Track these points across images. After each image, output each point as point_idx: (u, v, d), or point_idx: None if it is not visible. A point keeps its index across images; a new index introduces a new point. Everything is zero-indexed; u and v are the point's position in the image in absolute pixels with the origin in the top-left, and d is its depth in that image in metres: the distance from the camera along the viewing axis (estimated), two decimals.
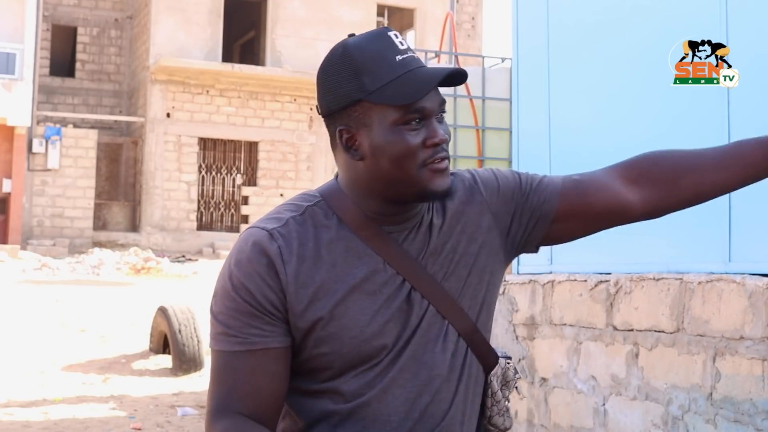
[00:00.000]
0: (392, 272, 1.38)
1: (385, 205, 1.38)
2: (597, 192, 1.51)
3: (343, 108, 1.35)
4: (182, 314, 7.24)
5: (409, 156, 1.33)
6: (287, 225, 1.37)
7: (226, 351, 1.34)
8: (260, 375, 1.33)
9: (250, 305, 1.33)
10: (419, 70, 1.33)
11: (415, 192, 1.35)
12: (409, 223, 1.41)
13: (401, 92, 1.31)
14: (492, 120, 5.80)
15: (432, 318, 1.40)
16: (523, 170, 1.60)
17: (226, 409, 1.33)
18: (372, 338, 1.36)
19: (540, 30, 4.09)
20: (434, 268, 1.41)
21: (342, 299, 1.35)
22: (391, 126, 1.33)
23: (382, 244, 1.38)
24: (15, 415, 5.47)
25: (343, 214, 1.39)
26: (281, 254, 1.34)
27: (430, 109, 1.34)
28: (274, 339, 1.34)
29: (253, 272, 1.33)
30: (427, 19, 22.49)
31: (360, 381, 1.37)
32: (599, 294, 3.41)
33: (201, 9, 20.47)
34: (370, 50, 1.34)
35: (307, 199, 1.42)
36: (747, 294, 2.68)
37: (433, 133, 1.34)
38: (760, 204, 2.85)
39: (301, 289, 1.34)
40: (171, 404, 5.98)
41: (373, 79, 1.32)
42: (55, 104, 21.89)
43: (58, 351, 7.89)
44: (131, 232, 20.40)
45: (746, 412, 2.66)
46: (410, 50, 1.35)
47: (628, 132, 3.52)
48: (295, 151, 21.07)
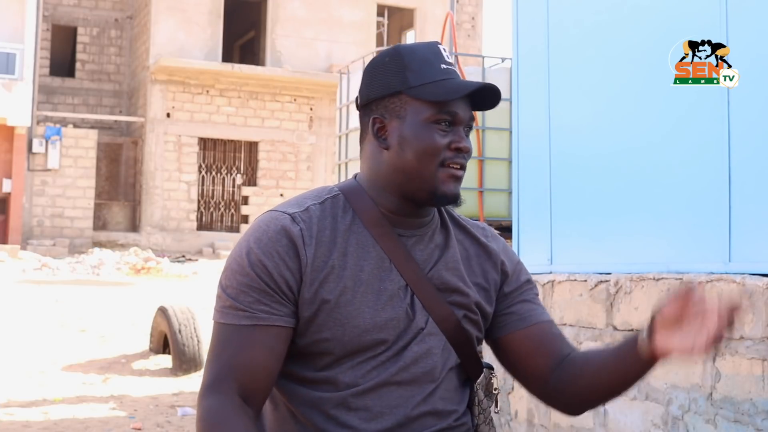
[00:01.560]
0: (397, 274, 1.44)
1: (399, 202, 1.46)
2: (535, 356, 1.54)
3: (381, 98, 1.46)
4: (182, 314, 7.24)
5: (432, 153, 1.42)
6: (308, 211, 1.44)
7: (231, 324, 1.38)
8: (260, 350, 1.37)
9: (264, 282, 1.38)
10: (459, 80, 1.45)
11: (427, 189, 1.43)
12: (420, 230, 1.49)
13: (439, 92, 1.42)
14: (492, 120, 5.80)
15: (432, 327, 1.46)
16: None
17: (220, 384, 1.36)
18: (373, 331, 1.41)
19: (540, 30, 4.09)
20: (436, 281, 1.48)
21: (349, 287, 1.41)
22: (423, 122, 1.43)
23: (391, 244, 1.45)
24: (15, 415, 5.47)
25: (358, 209, 1.46)
26: (303, 237, 1.40)
27: (461, 117, 1.44)
28: (280, 318, 1.38)
29: (273, 251, 1.38)
30: (427, 19, 22.49)
31: (356, 372, 1.41)
32: (599, 294, 3.41)
33: (201, 9, 20.47)
34: (419, 53, 1.46)
35: (327, 191, 1.49)
36: (747, 294, 2.68)
37: (459, 138, 1.44)
38: (760, 204, 2.85)
39: (315, 272, 1.40)
40: (171, 404, 5.99)
41: (416, 76, 1.44)
42: (55, 104, 21.89)
43: (58, 351, 7.89)
44: (131, 232, 20.40)
45: (746, 412, 2.66)
46: (454, 65, 1.48)
47: (629, 132, 3.52)
48: (295, 151, 21.07)
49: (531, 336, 1.52)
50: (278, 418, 1.46)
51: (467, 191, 5.68)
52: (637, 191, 3.42)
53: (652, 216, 3.32)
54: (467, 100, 1.46)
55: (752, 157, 2.89)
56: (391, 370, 1.42)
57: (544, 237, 3.95)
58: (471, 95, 1.45)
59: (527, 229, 4.14)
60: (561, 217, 3.89)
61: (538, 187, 4.03)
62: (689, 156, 3.16)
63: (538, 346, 1.52)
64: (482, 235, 1.59)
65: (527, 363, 1.53)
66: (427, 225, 1.50)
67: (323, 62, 21.17)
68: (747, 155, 2.90)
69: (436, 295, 1.46)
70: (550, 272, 3.84)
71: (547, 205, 3.96)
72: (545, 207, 3.97)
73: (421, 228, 1.49)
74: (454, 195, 1.44)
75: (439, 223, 1.54)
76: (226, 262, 1.45)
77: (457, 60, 5.81)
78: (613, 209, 3.59)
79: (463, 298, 1.49)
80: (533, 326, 1.53)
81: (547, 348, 1.52)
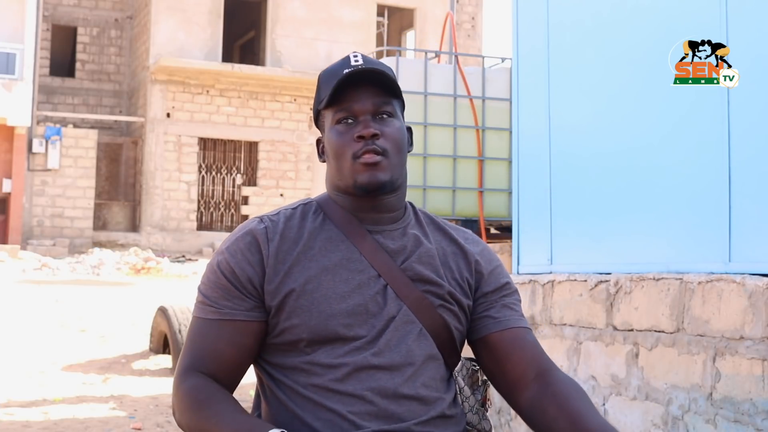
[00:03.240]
0: (367, 264, 1.51)
1: (353, 200, 1.54)
2: (509, 361, 1.53)
3: (317, 124, 1.60)
4: (182, 314, 7.23)
5: (341, 151, 1.51)
6: (278, 214, 1.56)
7: (202, 318, 1.50)
8: (225, 343, 1.48)
9: (228, 280, 1.49)
10: (351, 71, 1.50)
11: (350, 184, 1.51)
12: (390, 225, 1.55)
13: (327, 94, 1.51)
14: (492, 120, 5.80)
15: (406, 314, 1.50)
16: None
17: (193, 368, 1.48)
18: (340, 316, 1.46)
19: (540, 30, 4.09)
20: (409, 272, 1.52)
21: (314, 276, 1.48)
22: (330, 127, 1.54)
23: (361, 238, 1.52)
24: (15, 415, 5.47)
25: (329, 212, 1.56)
26: (267, 233, 1.51)
27: (360, 109, 1.51)
28: (242, 312, 1.48)
29: (237, 250, 1.50)
30: (427, 19, 22.49)
31: (333, 359, 1.46)
32: (599, 294, 3.41)
33: (201, 9, 20.47)
34: (328, 69, 1.56)
35: (303, 201, 1.61)
36: (747, 294, 2.68)
37: (360, 127, 1.50)
38: (760, 204, 2.85)
39: (279, 264, 1.49)
40: (171, 404, 5.98)
41: (323, 91, 1.54)
42: (55, 104, 21.89)
43: (58, 351, 7.89)
44: (131, 232, 20.39)
45: (746, 412, 2.66)
46: (367, 65, 1.52)
47: (629, 132, 3.52)
48: (295, 151, 21.07)
49: (505, 340, 1.53)
50: (270, 408, 1.50)
51: (467, 191, 5.68)
52: (637, 191, 3.42)
53: (652, 216, 3.32)
54: (373, 90, 1.51)
55: (752, 157, 2.89)
56: (366, 355, 1.45)
57: (544, 237, 3.95)
58: (373, 82, 1.50)
59: (527, 229, 4.14)
60: (561, 217, 3.89)
61: (538, 187, 4.03)
62: (689, 156, 3.16)
63: (512, 351, 1.52)
64: (461, 237, 1.63)
65: (502, 367, 1.53)
66: (398, 221, 1.56)
67: (323, 62, 21.16)
68: (747, 155, 2.90)
69: (410, 285, 1.51)
70: (550, 272, 3.84)
71: (547, 205, 3.96)
72: (545, 207, 3.97)
73: (392, 224, 1.55)
74: (372, 183, 1.49)
75: (413, 220, 1.60)
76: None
77: (457, 60, 5.81)
78: (613, 209, 3.59)
79: (437, 288, 1.52)
80: (508, 330, 1.54)
81: (521, 354, 1.52)
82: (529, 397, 1.50)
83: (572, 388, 1.49)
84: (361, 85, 1.51)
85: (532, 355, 1.53)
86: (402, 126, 1.55)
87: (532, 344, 1.54)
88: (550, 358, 1.56)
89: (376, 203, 1.53)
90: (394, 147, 1.51)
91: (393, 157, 1.51)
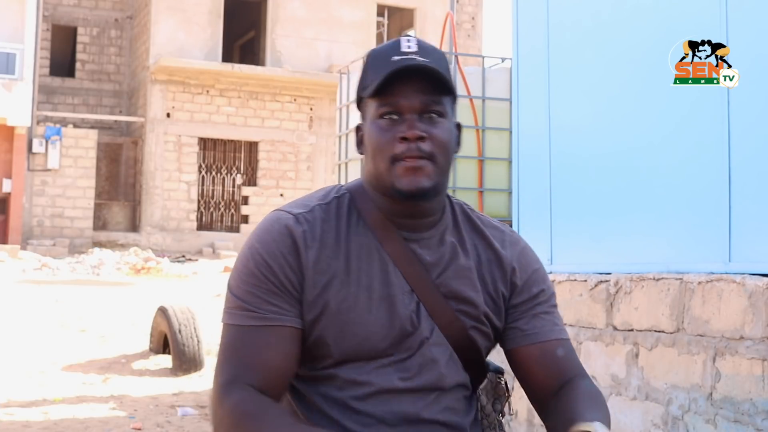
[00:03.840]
0: (401, 278, 1.40)
1: (390, 203, 1.41)
2: (534, 376, 1.47)
3: (359, 108, 1.45)
4: (182, 314, 7.23)
5: (380, 150, 1.37)
6: (313, 212, 1.42)
7: (241, 325, 1.36)
8: (273, 351, 1.35)
9: (271, 282, 1.36)
10: (401, 66, 1.35)
11: (387, 187, 1.38)
12: (427, 232, 1.43)
13: (375, 84, 1.36)
14: (492, 120, 5.80)
15: (438, 336, 1.42)
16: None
17: (237, 381, 1.33)
18: (374, 338, 1.38)
19: (540, 30, 4.09)
20: (444, 288, 1.42)
21: (352, 293, 1.38)
22: (372, 120, 1.39)
23: (396, 247, 1.41)
24: (15, 415, 5.47)
25: (362, 209, 1.43)
26: (305, 238, 1.38)
27: (406, 106, 1.36)
28: (289, 318, 1.37)
29: (277, 251, 1.37)
30: (427, 19, 22.48)
31: (357, 374, 1.39)
32: (599, 294, 3.41)
33: (201, 9, 20.47)
34: (376, 52, 1.41)
35: (335, 190, 1.47)
36: (747, 294, 2.68)
37: (405, 127, 1.35)
38: (760, 204, 2.85)
39: (318, 275, 1.38)
40: (171, 404, 5.98)
41: (370, 75, 1.39)
42: (55, 104, 21.89)
43: (58, 351, 7.88)
44: (131, 232, 20.39)
45: (746, 412, 2.66)
46: (417, 53, 1.37)
47: (629, 132, 3.52)
48: (295, 151, 21.06)
49: (532, 355, 1.45)
50: None
51: (467, 191, 5.68)
52: (637, 191, 3.42)
53: (652, 216, 3.32)
54: (422, 85, 1.36)
55: (752, 157, 2.89)
56: (393, 378, 1.39)
57: (544, 237, 3.95)
58: (425, 77, 1.36)
59: (527, 229, 4.14)
60: (561, 217, 3.89)
61: (538, 187, 4.03)
62: (689, 156, 3.16)
63: (538, 367, 1.45)
64: (498, 239, 1.50)
65: (528, 380, 1.47)
66: (435, 227, 1.44)
67: (323, 62, 21.17)
68: (747, 155, 2.90)
69: (443, 303, 1.41)
70: (550, 272, 3.84)
71: (547, 205, 3.96)
72: (545, 207, 3.97)
73: (429, 230, 1.43)
74: (413, 189, 1.35)
75: (451, 223, 1.47)
76: (235, 263, 1.43)
77: (457, 60, 5.81)
78: (613, 209, 3.59)
79: (472, 309, 1.44)
80: (535, 345, 1.45)
81: (546, 370, 1.45)
82: (549, 410, 1.43)
83: (586, 393, 1.41)
84: (410, 76, 1.36)
85: (558, 369, 1.45)
86: (451, 127, 1.42)
87: (558, 358, 1.45)
88: (579, 368, 1.48)
89: (414, 209, 1.41)
90: (441, 151, 1.37)
91: (438, 161, 1.37)
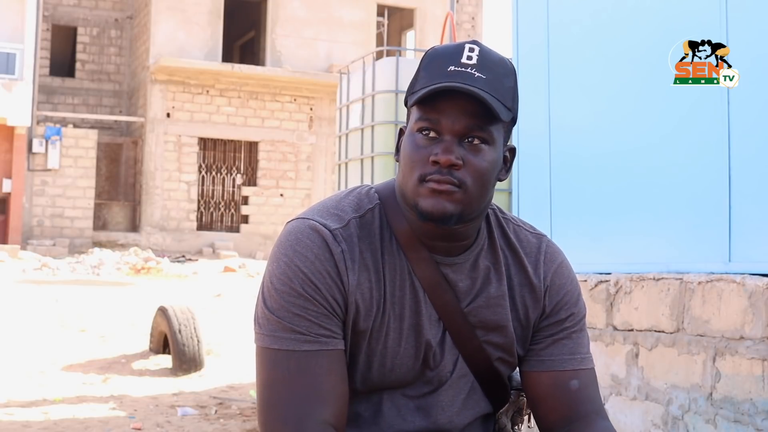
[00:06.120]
0: (430, 305, 1.33)
1: (421, 223, 1.30)
2: (543, 403, 1.40)
3: (406, 106, 1.33)
4: (182, 314, 7.23)
5: (411, 166, 1.27)
6: (349, 227, 1.31)
7: (294, 351, 1.24)
8: (334, 377, 1.25)
9: (320, 304, 1.26)
10: (448, 87, 1.23)
11: (412, 205, 1.28)
12: (460, 256, 1.34)
13: (420, 95, 1.25)
14: None
15: (461, 368, 1.37)
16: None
17: (309, 419, 1.22)
18: (399, 371, 1.33)
19: (540, 30, 4.09)
20: (473, 318, 1.36)
21: (385, 323, 1.31)
22: (411, 131, 1.29)
23: (428, 273, 1.32)
24: (15, 415, 5.47)
25: (395, 227, 1.33)
26: (344, 259, 1.28)
27: (447, 126, 1.24)
28: (340, 341, 1.28)
29: (323, 271, 1.27)
30: (427, 19, 22.48)
31: (376, 405, 1.35)
32: (599, 294, 3.41)
33: (201, 9, 20.47)
34: (436, 54, 1.28)
35: (368, 200, 1.36)
36: (747, 294, 2.68)
37: (439, 149, 1.24)
38: (760, 204, 2.85)
39: (358, 299, 1.29)
40: (171, 404, 5.98)
41: (419, 81, 1.28)
42: (55, 104, 21.89)
43: (58, 351, 7.88)
44: (131, 232, 20.39)
45: (746, 412, 2.66)
46: (476, 66, 1.24)
47: (629, 132, 3.52)
48: (295, 151, 21.06)
49: (543, 383, 1.38)
50: None
51: None
52: (637, 191, 3.42)
53: (652, 216, 3.32)
54: (471, 107, 1.23)
55: (752, 157, 2.89)
56: (411, 406, 1.35)
57: None
58: (474, 99, 1.23)
59: None
60: (561, 217, 3.89)
61: (538, 187, 4.03)
62: (689, 156, 3.16)
63: (547, 396, 1.38)
64: (533, 257, 1.40)
65: (536, 408, 1.41)
66: (470, 249, 1.35)
67: (323, 62, 21.17)
68: (747, 155, 2.90)
69: (470, 332, 1.35)
70: None
71: (547, 205, 3.96)
72: (545, 207, 3.97)
73: (462, 252, 1.34)
74: (436, 213, 1.24)
75: (486, 243, 1.38)
76: (264, 278, 1.31)
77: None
78: (613, 209, 3.59)
79: (501, 339, 1.37)
80: (548, 373, 1.38)
81: (556, 402, 1.37)
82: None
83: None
84: (458, 94, 1.23)
85: (569, 402, 1.36)
86: (496, 156, 1.28)
87: (571, 391, 1.37)
88: (596, 404, 1.39)
89: (446, 232, 1.30)
90: (476, 181, 1.25)
91: (470, 190, 1.25)
